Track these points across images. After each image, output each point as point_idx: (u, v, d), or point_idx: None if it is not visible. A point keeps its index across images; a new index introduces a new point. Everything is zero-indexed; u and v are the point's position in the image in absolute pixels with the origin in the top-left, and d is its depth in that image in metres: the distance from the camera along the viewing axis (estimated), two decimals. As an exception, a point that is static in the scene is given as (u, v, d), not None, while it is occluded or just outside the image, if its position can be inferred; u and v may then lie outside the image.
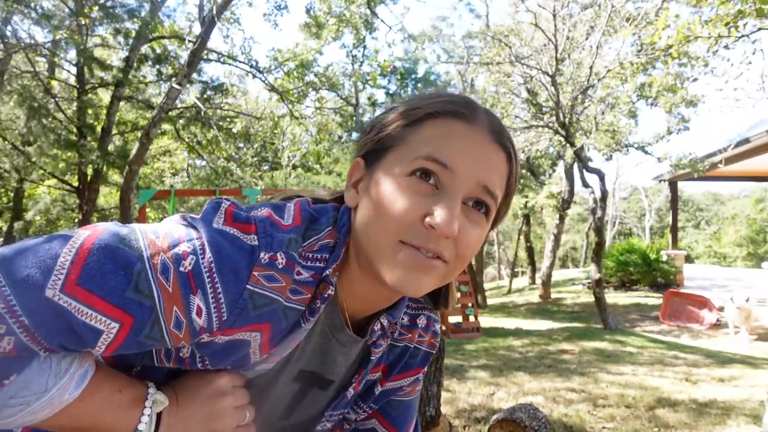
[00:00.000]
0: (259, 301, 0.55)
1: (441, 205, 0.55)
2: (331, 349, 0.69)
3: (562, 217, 15.44)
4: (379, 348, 0.73)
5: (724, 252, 33.50)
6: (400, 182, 0.57)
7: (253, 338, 0.57)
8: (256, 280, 0.54)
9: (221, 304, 0.53)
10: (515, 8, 10.24)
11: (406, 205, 0.55)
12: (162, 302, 0.51)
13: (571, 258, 39.69)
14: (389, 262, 0.56)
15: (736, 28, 4.52)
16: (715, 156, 10.04)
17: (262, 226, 0.57)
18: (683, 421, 3.33)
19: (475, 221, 0.59)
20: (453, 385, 4.22)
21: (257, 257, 0.55)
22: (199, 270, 0.52)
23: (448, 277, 0.61)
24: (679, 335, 8.14)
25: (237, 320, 0.55)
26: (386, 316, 0.71)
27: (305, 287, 0.59)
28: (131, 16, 8.10)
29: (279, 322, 0.58)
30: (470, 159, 0.57)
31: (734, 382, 4.47)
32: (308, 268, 0.59)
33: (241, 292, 0.53)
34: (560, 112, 8.83)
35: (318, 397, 0.74)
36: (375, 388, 0.78)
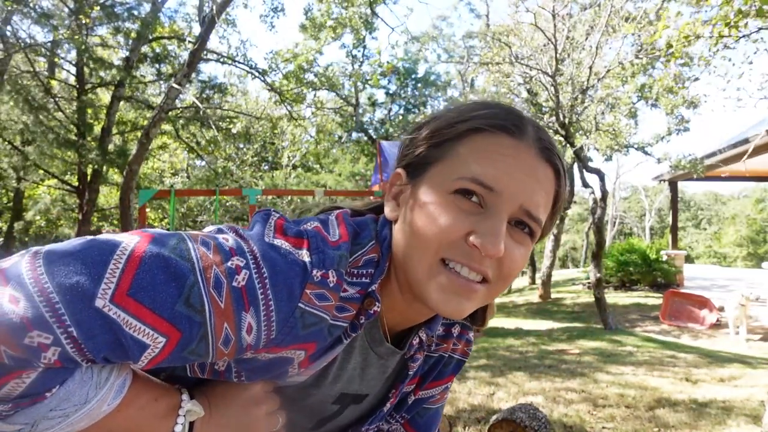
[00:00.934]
0: (309, 320, 0.53)
1: (487, 225, 0.54)
2: (369, 365, 0.68)
3: (562, 217, 15.45)
4: (417, 362, 0.72)
5: (724, 252, 33.50)
6: (444, 199, 0.56)
7: (297, 356, 0.56)
8: (308, 299, 0.53)
9: (272, 322, 0.51)
10: (515, 8, 10.23)
11: (450, 222, 0.54)
12: (213, 318, 0.49)
13: (571, 258, 39.69)
14: (430, 283, 0.56)
15: (737, 28, 4.51)
16: (715, 156, 10.04)
17: (314, 241, 0.55)
18: (683, 421, 3.32)
19: (519, 241, 0.57)
20: (453, 385, 4.21)
21: (310, 274, 0.53)
22: (252, 285, 0.50)
23: (489, 298, 0.59)
24: (679, 335, 8.13)
25: (285, 339, 0.53)
26: (425, 330, 0.70)
27: (351, 304, 0.58)
28: (131, 16, 8.10)
29: (323, 341, 0.57)
30: (516, 180, 0.55)
31: (734, 382, 4.47)
32: (354, 284, 0.58)
33: (293, 310, 0.52)
34: (560, 112, 8.83)
35: (351, 412, 0.73)
36: (408, 398, 0.78)
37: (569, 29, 9.36)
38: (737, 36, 4.54)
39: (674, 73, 8.75)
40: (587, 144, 10.30)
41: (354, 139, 16.79)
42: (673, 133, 12.64)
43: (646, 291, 12.25)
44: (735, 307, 7.09)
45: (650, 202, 37.45)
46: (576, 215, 35.11)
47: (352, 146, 16.91)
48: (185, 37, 10.34)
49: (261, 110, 12.89)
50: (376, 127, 16.51)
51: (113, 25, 8.15)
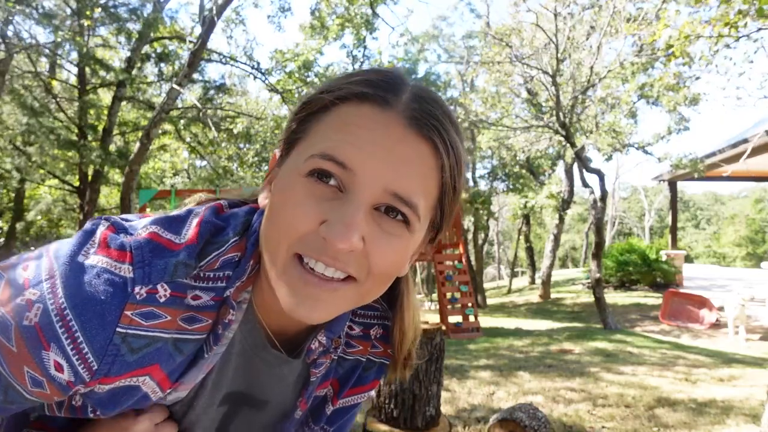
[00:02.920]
0: (137, 344, 0.46)
1: (338, 213, 0.45)
2: (256, 370, 0.60)
3: (562, 217, 15.45)
4: (320, 367, 0.63)
5: (723, 252, 33.50)
6: (296, 183, 0.47)
7: (143, 382, 0.49)
8: (129, 321, 0.45)
9: (85, 354, 0.44)
10: (516, 8, 10.24)
11: (299, 211, 0.46)
12: (6, 366, 0.44)
13: (571, 258, 39.69)
14: (281, 282, 0.48)
15: (736, 28, 4.52)
16: (714, 156, 10.05)
17: (139, 253, 0.47)
18: (683, 421, 3.33)
19: (389, 231, 0.48)
20: (453, 384, 4.22)
21: (130, 294, 0.46)
22: (48, 320, 0.43)
23: (360, 297, 0.51)
24: (679, 335, 8.15)
25: (112, 368, 0.46)
26: (324, 333, 0.61)
27: (205, 313, 0.51)
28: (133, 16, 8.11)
29: (170, 360, 0.49)
30: (377, 158, 0.46)
31: (733, 381, 4.48)
32: (208, 290, 0.51)
33: (110, 337, 0.45)
34: (560, 112, 8.84)
35: (253, 417, 0.64)
36: (326, 407, 0.68)
37: (570, 29, 9.37)
38: (737, 36, 4.56)
39: (674, 72, 8.76)
40: (587, 144, 10.31)
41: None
42: (673, 133, 12.64)
43: (646, 291, 12.27)
44: (734, 307, 7.10)
45: (650, 202, 37.46)
46: (576, 215, 35.11)
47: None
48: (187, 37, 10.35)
49: (262, 110, 12.90)
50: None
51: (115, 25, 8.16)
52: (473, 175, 17.08)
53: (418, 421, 2.60)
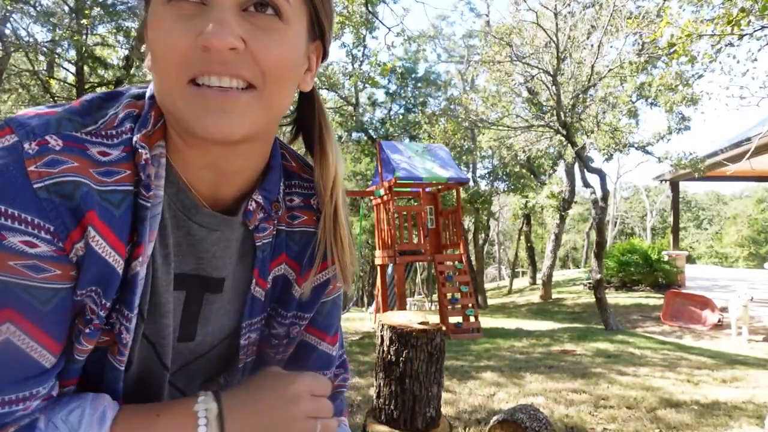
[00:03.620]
0: (61, 190, 0.46)
1: (207, 20, 0.46)
2: (197, 239, 0.58)
3: (563, 217, 15.42)
4: (264, 232, 0.62)
5: (725, 252, 33.46)
6: (161, 14, 0.48)
7: (91, 238, 0.48)
8: (38, 174, 0.45)
9: (35, 221, 0.45)
10: (516, 7, 10.21)
11: (172, 35, 0.46)
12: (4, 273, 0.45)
13: (571, 258, 39.68)
14: (184, 107, 0.48)
15: (740, 27, 4.49)
16: (716, 156, 10.01)
17: (14, 122, 0.48)
18: (685, 422, 3.30)
19: (266, 27, 0.49)
20: (453, 385, 4.19)
21: (21, 151, 0.46)
22: None
23: (267, 106, 0.51)
24: (681, 336, 8.11)
25: (63, 220, 0.46)
26: (259, 192, 0.60)
27: (121, 165, 0.50)
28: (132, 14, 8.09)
29: (106, 212, 0.48)
30: None
31: (736, 383, 4.44)
32: (114, 145, 0.50)
33: (35, 196, 0.45)
34: (561, 112, 8.81)
35: (218, 304, 0.62)
36: (292, 290, 0.66)
37: (571, 28, 9.34)
38: (740, 34, 4.52)
39: (675, 71, 8.72)
40: (588, 143, 10.27)
41: (354, 138, 16.76)
42: (673, 132, 12.61)
43: (648, 291, 12.23)
44: (737, 308, 7.06)
45: (651, 202, 37.45)
46: (577, 215, 35.09)
47: (353, 146, 16.89)
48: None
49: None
50: (376, 126, 16.49)
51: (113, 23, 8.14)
52: (474, 174, 17.05)
53: (419, 423, 2.57)
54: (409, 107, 16.91)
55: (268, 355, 0.68)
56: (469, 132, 14.78)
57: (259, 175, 0.61)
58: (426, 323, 2.65)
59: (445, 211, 9.50)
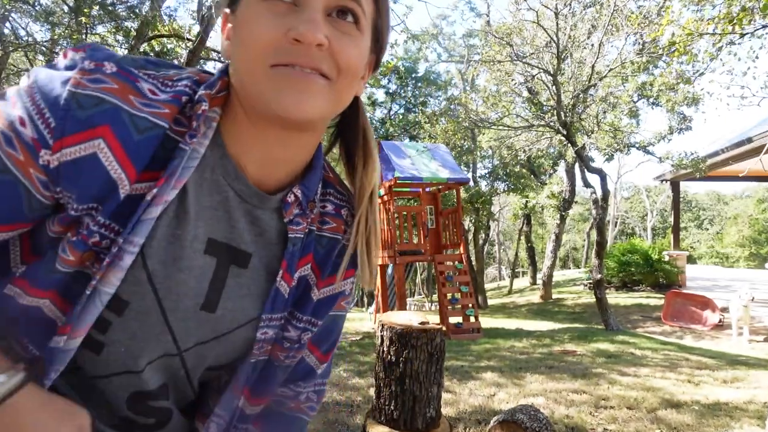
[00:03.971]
0: (85, 102, 0.50)
1: (300, 17, 0.52)
2: (231, 207, 0.61)
3: (563, 217, 15.41)
4: (297, 226, 0.65)
5: (726, 252, 33.43)
6: (256, 9, 0.54)
7: (99, 148, 0.51)
8: (77, 82, 0.50)
9: (42, 110, 0.50)
10: (517, 6, 10.20)
11: (265, 26, 0.52)
12: None
13: (572, 258, 39.68)
14: (266, 89, 0.53)
15: (741, 26, 4.47)
16: (717, 156, 10.00)
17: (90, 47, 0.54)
18: (686, 423, 3.29)
19: (345, 32, 0.55)
20: (453, 386, 4.18)
21: (80, 64, 0.52)
22: (19, 94, 0.51)
23: (336, 97, 0.56)
24: (682, 336, 8.10)
25: (66, 123, 0.50)
26: (299, 187, 0.64)
27: (163, 104, 0.54)
28: (132, 14, 8.07)
29: (123, 128, 0.51)
30: None
31: (737, 383, 4.43)
32: (167, 90, 0.55)
33: (61, 93, 0.50)
34: (561, 112, 8.79)
35: (242, 280, 0.63)
36: (311, 293, 0.68)
37: (571, 28, 9.33)
38: (741, 33, 4.51)
39: (676, 70, 8.71)
40: (589, 143, 10.26)
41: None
42: (674, 132, 12.59)
43: (648, 291, 12.22)
44: (738, 308, 7.05)
45: (652, 202, 37.44)
46: (577, 215, 35.09)
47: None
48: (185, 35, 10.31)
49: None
50: (376, 126, 16.48)
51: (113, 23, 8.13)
52: (474, 174, 17.04)
53: (419, 423, 2.56)
54: (409, 107, 16.90)
55: (278, 358, 0.69)
56: (469, 132, 14.77)
57: (301, 171, 0.65)
58: (426, 323, 2.63)
59: (445, 211, 9.49)
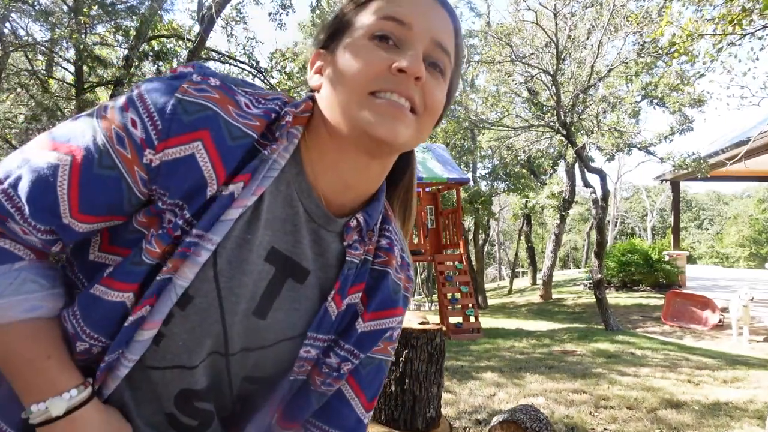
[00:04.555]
0: (190, 108, 0.55)
1: (404, 54, 0.58)
2: (299, 223, 0.64)
3: (563, 217, 15.40)
4: (355, 251, 0.68)
5: (726, 252, 33.41)
6: (363, 45, 0.59)
7: (197, 149, 0.56)
8: (184, 91, 0.56)
9: (152, 113, 0.55)
10: (516, 6, 10.19)
11: (371, 58, 0.58)
12: (102, 128, 0.55)
13: (572, 258, 39.67)
14: (362, 111, 0.57)
15: (741, 26, 4.47)
16: (717, 155, 9.99)
17: (197, 64, 0.61)
18: (686, 423, 3.28)
19: (435, 77, 0.62)
20: (454, 386, 4.18)
21: (189, 76, 0.58)
22: (131, 99, 0.56)
23: (419, 131, 0.62)
24: (682, 336, 8.09)
25: (172, 126, 0.55)
26: (362, 213, 0.68)
27: (255, 117, 0.59)
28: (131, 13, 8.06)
29: (220, 134, 0.56)
30: (425, 16, 0.61)
31: (737, 383, 4.43)
32: (260, 106, 0.60)
33: (169, 99, 0.55)
34: (561, 112, 8.79)
35: (295, 294, 0.65)
36: (356, 323, 0.69)
37: (571, 28, 9.32)
38: (742, 33, 4.50)
39: (676, 71, 8.70)
40: (589, 143, 10.26)
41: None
42: (676, 133, 12.59)
43: (648, 291, 12.22)
44: (737, 308, 7.04)
45: (652, 202, 37.43)
46: (577, 215, 35.08)
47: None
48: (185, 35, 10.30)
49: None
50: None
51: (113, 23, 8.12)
52: (474, 174, 17.03)
53: (419, 423, 2.56)
54: (410, 107, 16.88)
55: (315, 383, 0.70)
56: (469, 132, 14.76)
57: (365, 200, 0.69)
58: (426, 323, 2.63)
59: (445, 211, 9.49)
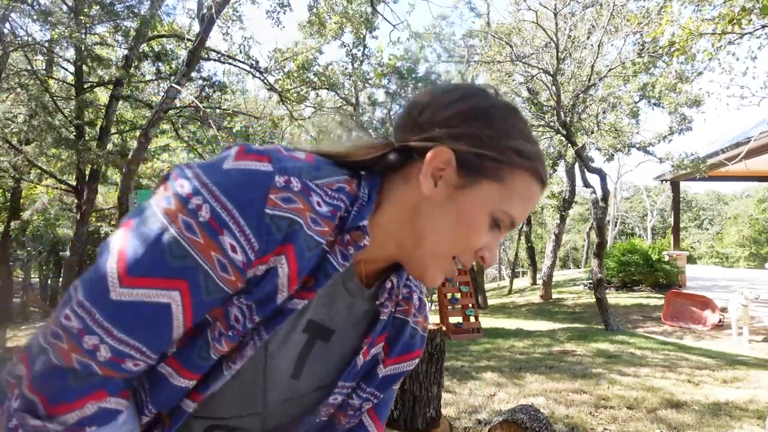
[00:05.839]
0: (281, 224, 0.56)
1: (493, 243, 0.65)
2: (337, 298, 0.69)
3: (563, 217, 15.40)
4: (386, 309, 0.73)
5: (726, 252, 33.40)
6: (482, 218, 0.63)
7: (280, 263, 0.57)
8: (273, 204, 0.55)
9: (248, 235, 0.55)
10: (516, 7, 10.19)
11: (479, 240, 0.63)
12: (200, 254, 0.54)
13: (572, 258, 39.65)
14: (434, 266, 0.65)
15: (740, 26, 4.47)
16: (717, 156, 9.99)
17: (274, 154, 0.58)
18: (686, 423, 3.28)
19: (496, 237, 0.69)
20: (454, 386, 4.17)
21: (272, 181, 0.56)
22: (216, 214, 0.54)
23: None
24: (682, 336, 8.09)
25: (267, 246, 0.56)
26: (396, 276, 0.72)
27: (324, 221, 0.60)
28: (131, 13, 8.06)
29: (301, 247, 0.58)
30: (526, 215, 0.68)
31: (737, 383, 4.42)
32: (328, 203, 0.60)
33: (261, 218, 0.55)
34: (561, 112, 8.78)
35: (323, 353, 0.71)
36: (378, 369, 0.76)
37: (571, 28, 9.32)
38: (741, 33, 4.50)
39: (676, 70, 8.70)
40: (589, 143, 10.25)
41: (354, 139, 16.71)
42: (675, 133, 12.57)
43: (648, 291, 12.21)
44: (737, 308, 7.03)
45: (652, 202, 37.42)
46: (577, 215, 35.07)
47: (353, 146, 16.84)
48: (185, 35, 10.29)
49: (261, 109, 12.84)
50: (376, 126, 16.47)
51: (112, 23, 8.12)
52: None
53: (419, 423, 2.55)
54: (409, 107, 16.86)
55: (340, 423, 0.77)
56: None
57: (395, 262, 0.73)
58: (425, 323, 2.62)
59: (445, 211, 9.48)
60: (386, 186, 0.65)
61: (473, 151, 0.62)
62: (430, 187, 0.62)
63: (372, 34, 13.72)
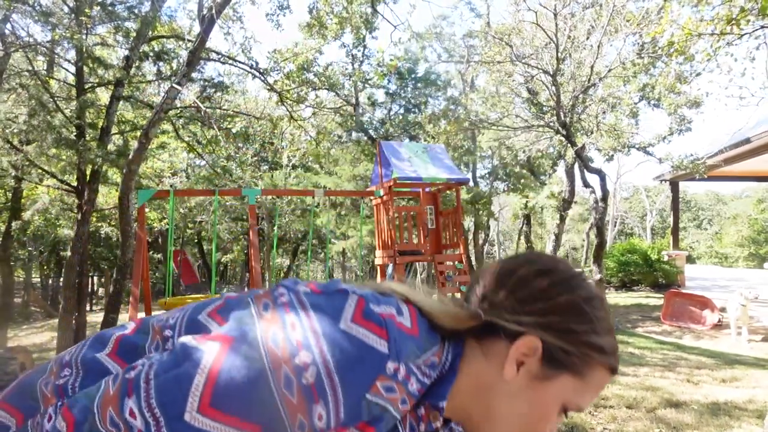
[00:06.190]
0: (374, 410, 0.56)
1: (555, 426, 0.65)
2: None
3: (563, 217, 15.41)
4: None
5: (725, 252, 33.40)
6: (555, 405, 0.64)
7: None
8: (376, 390, 0.55)
9: (340, 409, 0.54)
10: (516, 7, 10.20)
11: (545, 428, 0.64)
12: (286, 411, 0.53)
13: (571, 258, 39.64)
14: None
15: (739, 26, 4.48)
16: (716, 156, 10.00)
17: (393, 332, 0.57)
18: (685, 422, 3.29)
19: None
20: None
21: (384, 368, 0.55)
22: (320, 382, 0.53)
23: None
24: (681, 336, 8.10)
25: (350, 422, 0.56)
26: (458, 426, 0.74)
27: (411, 399, 0.60)
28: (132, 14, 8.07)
29: (379, 427, 0.58)
30: None
31: (736, 383, 4.44)
32: (419, 381, 0.60)
33: (360, 400, 0.55)
34: (561, 112, 8.80)
35: None
36: None
37: (570, 28, 9.34)
38: (740, 33, 4.51)
39: (675, 71, 8.71)
40: (588, 143, 10.26)
41: (354, 139, 16.73)
42: (674, 134, 12.59)
43: (647, 291, 12.22)
44: (736, 308, 7.05)
45: (651, 202, 37.43)
46: (577, 215, 35.06)
47: (353, 146, 16.84)
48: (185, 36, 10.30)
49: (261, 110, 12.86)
50: (376, 127, 16.47)
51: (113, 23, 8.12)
52: (474, 175, 17.04)
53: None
54: (409, 107, 16.89)
55: None
56: (469, 132, 14.77)
57: None
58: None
59: (445, 211, 9.49)
60: (467, 352, 0.65)
61: (561, 345, 0.62)
62: (512, 374, 0.62)
63: (372, 34, 13.74)
